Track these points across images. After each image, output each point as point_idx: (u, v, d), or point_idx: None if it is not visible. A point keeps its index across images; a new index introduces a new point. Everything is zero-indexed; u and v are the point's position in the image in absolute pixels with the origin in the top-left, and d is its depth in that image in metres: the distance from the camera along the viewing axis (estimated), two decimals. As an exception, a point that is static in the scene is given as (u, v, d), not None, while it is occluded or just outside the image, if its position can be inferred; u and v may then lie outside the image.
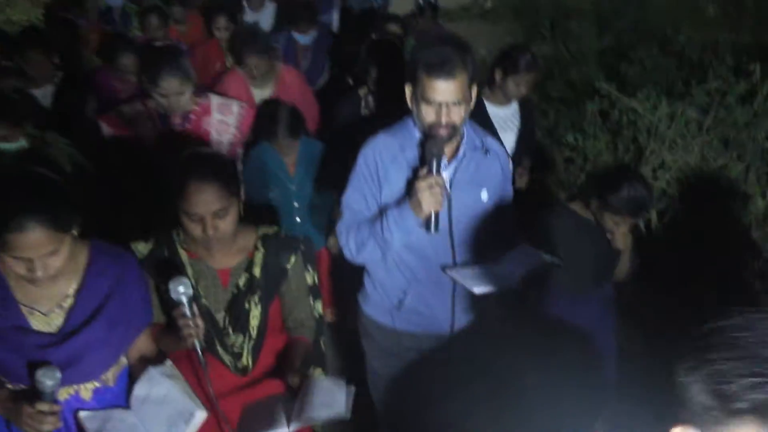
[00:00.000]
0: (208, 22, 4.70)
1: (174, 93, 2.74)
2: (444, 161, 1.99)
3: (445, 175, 2.03)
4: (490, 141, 2.21)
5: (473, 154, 2.13)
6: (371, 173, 2.12)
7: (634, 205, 2.49)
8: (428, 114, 2.00)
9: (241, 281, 1.95)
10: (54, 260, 1.59)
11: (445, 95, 1.97)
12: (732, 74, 4.33)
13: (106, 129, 2.87)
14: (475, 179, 2.14)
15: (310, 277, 2.08)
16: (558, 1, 8.45)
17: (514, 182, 2.43)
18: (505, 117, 3.31)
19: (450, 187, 2.07)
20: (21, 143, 2.93)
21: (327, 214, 3.27)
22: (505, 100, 3.29)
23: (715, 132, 4.16)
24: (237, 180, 1.96)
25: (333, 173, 2.83)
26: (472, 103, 2.07)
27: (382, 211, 2.08)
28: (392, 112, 2.21)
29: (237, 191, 1.91)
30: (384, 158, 2.10)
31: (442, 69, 1.95)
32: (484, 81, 3.20)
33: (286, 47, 4.48)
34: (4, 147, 2.87)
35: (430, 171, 1.95)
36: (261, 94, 3.70)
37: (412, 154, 2.09)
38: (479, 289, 2.03)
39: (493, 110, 3.28)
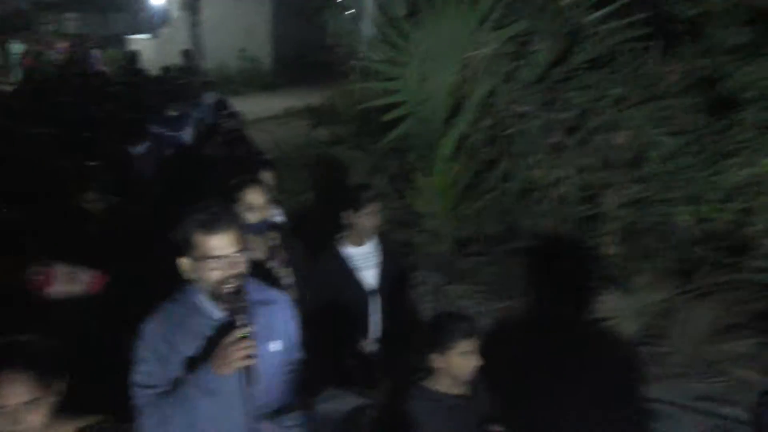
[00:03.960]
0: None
1: None
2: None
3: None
4: (271, 293, 2.25)
5: (257, 308, 2.11)
6: (158, 345, 2.04)
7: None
8: (214, 272, 1.99)
9: None
10: None
11: (226, 248, 1.99)
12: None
13: None
14: (263, 332, 2.09)
15: None
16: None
17: None
18: (364, 255, 3.39)
19: None
20: None
21: None
22: (360, 239, 3.38)
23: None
24: (54, 370, 1.89)
25: None
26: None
27: (177, 383, 2.00)
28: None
29: (51, 382, 1.86)
30: (169, 328, 2.06)
31: (219, 223, 1.99)
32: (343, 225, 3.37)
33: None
34: None
35: (237, 326, 1.93)
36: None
37: (198, 321, 2.06)
38: None
39: (350, 251, 3.37)
